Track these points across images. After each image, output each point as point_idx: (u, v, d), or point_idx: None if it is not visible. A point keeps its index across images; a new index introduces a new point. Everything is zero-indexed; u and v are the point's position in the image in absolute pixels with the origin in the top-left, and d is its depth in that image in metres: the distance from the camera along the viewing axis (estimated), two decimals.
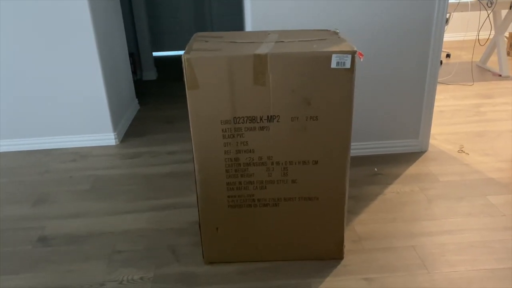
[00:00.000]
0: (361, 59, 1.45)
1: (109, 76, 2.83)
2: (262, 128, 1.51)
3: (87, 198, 2.24)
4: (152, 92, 3.95)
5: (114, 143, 2.87)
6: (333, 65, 1.42)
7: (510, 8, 3.83)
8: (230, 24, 5.23)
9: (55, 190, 2.33)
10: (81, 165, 2.59)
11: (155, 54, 5.25)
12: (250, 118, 1.49)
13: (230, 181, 1.57)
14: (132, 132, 3.07)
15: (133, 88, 3.49)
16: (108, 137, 2.85)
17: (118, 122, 2.96)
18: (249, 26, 2.31)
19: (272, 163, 1.55)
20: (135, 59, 4.26)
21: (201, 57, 1.42)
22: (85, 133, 2.83)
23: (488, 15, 3.81)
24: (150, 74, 4.36)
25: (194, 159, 1.54)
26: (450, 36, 5.29)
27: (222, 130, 1.50)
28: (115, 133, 2.86)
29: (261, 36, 1.63)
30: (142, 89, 3.98)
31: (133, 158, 2.67)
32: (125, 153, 2.75)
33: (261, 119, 1.50)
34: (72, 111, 2.77)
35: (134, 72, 4.23)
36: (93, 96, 2.74)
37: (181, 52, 1.45)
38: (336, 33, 1.64)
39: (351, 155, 1.57)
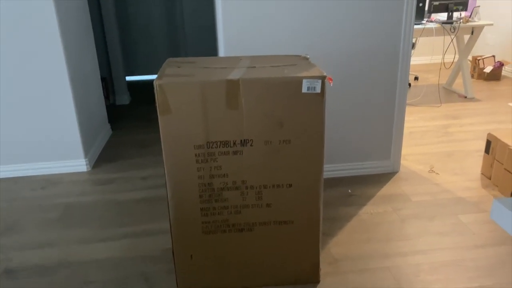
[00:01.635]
0: (331, 84, 1.48)
1: (80, 101, 2.79)
2: (235, 152, 1.51)
3: (57, 226, 2.17)
4: (125, 116, 3.92)
5: (85, 169, 2.81)
6: (304, 89, 1.45)
7: (472, 34, 4.01)
8: (203, 49, 5.27)
9: (24, 218, 2.25)
10: (51, 193, 2.52)
11: (128, 78, 5.23)
12: (223, 143, 1.49)
13: (204, 207, 1.55)
14: (104, 157, 3.02)
15: (106, 113, 3.45)
16: (79, 163, 2.79)
17: (90, 148, 2.91)
18: (222, 51, 2.33)
19: (247, 187, 1.55)
20: (108, 83, 4.22)
21: (173, 82, 1.42)
22: (55, 159, 2.76)
23: (452, 40, 3.98)
24: (123, 99, 4.33)
25: (167, 185, 1.52)
26: (417, 59, 5.49)
27: (195, 155, 1.49)
28: (87, 159, 2.81)
29: (233, 61, 1.65)
30: (115, 113, 3.94)
31: (105, 184, 2.62)
32: (96, 179, 2.70)
33: (234, 143, 1.50)
34: (42, 137, 2.70)
35: (107, 97, 4.18)
36: (64, 122, 2.69)
37: (154, 76, 1.45)
38: (307, 59, 1.68)
39: (325, 177, 1.59)
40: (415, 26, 3.77)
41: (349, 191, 2.45)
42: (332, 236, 2.03)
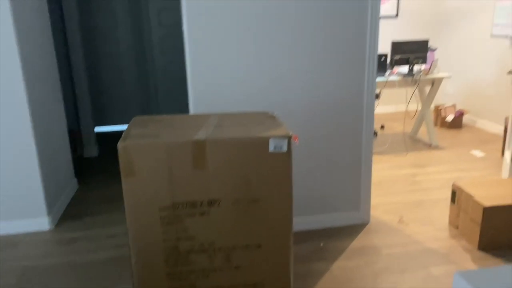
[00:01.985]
0: (297, 143, 1.50)
1: (45, 156, 2.71)
2: (202, 213, 1.48)
3: None
4: (93, 169, 3.82)
5: (48, 228, 2.68)
6: (271, 149, 1.45)
7: (432, 85, 4.21)
8: (174, 100, 5.31)
9: None
10: (9, 255, 2.38)
11: (97, 129, 5.16)
12: (190, 203, 1.46)
13: (170, 271, 1.49)
14: (69, 214, 2.90)
15: (72, 167, 3.35)
16: (41, 222, 2.67)
17: (54, 205, 2.80)
18: (191, 105, 2.34)
19: (214, 250, 1.50)
20: (76, 135, 4.15)
21: (138, 144, 1.40)
22: (15, 218, 2.63)
23: (414, 91, 4.16)
24: (92, 151, 4.24)
25: (131, 250, 1.46)
26: (382, 108, 5.69)
27: (161, 218, 1.45)
28: (49, 217, 2.69)
29: (201, 119, 1.66)
30: (82, 166, 3.85)
31: (69, 244, 2.50)
32: (59, 238, 2.57)
33: (201, 204, 1.47)
34: (2, 194, 2.59)
35: (74, 149, 4.10)
36: (26, 177, 2.59)
37: (124, 127, 1.43)
38: (273, 117, 1.70)
39: (296, 230, 1.57)
40: (379, 79, 3.93)
41: (321, 244, 2.42)
42: None
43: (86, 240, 2.54)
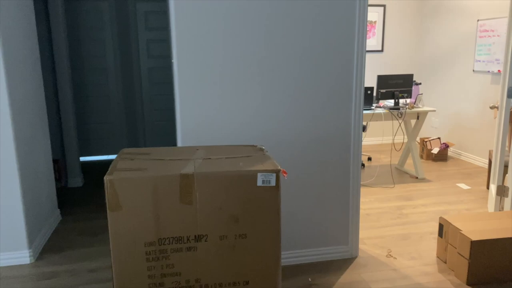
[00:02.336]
0: (285, 177, 1.50)
1: (28, 186, 2.65)
2: (189, 249, 1.45)
3: None
4: (76, 200, 3.74)
5: (28, 262, 2.59)
6: (259, 183, 1.45)
7: (417, 118, 4.29)
8: (161, 131, 5.29)
9: None
10: None
11: (82, 159, 5.10)
12: (176, 239, 1.43)
13: None
14: (51, 247, 2.82)
15: (55, 197, 3.28)
16: (22, 255, 2.58)
17: (35, 237, 2.72)
18: (179, 138, 2.33)
19: (201, 286, 1.47)
20: (60, 165, 4.09)
21: (124, 178, 1.38)
22: None
23: (400, 124, 4.22)
24: (76, 181, 4.17)
25: (114, 285, 1.41)
26: (369, 140, 5.75)
27: (146, 253, 1.41)
28: (30, 250, 2.61)
29: (189, 152, 1.65)
30: (66, 197, 3.77)
31: (50, 279, 2.41)
32: (40, 273, 2.49)
33: (188, 239, 1.44)
34: None
35: (58, 179, 4.03)
36: (7, 209, 2.53)
37: (110, 157, 1.41)
38: (262, 150, 1.70)
39: (284, 264, 1.54)
40: (365, 111, 3.99)
41: (309, 279, 2.38)
42: None
43: (67, 274, 2.46)
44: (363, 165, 4.77)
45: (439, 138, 5.07)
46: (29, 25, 2.86)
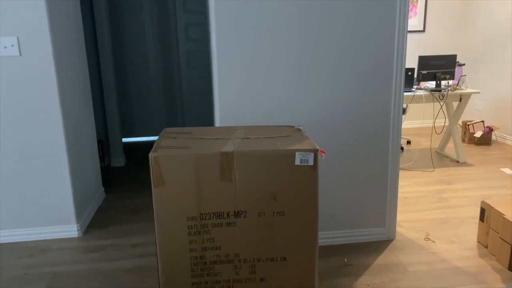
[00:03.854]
0: (323, 157, 1.51)
1: (75, 165, 2.79)
2: (229, 224, 1.49)
3: None
4: (119, 179, 3.90)
5: (76, 235, 2.75)
6: (297, 162, 1.47)
7: (460, 101, 4.14)
8: (201, 111, 5.38)
9: None
10: (39, 261, 2.45)
11: (124, 140, 5.28)
12: (217, 214, 1.49)
13: (195, 281, 1.51)
14: (96, 222, 2.97)
15: (100, 176, 3.44)
16: (70, 229, 2.74)
17: (82, 213, 2.87)
18: (217, 118, 2.38)
19: (240, 261, 1.52)
20: (104, 145, 4.25)
21: (168, 155, 1.44)
22: (45, 225, 2.71)
23: (441, 106, 4.10)
24: (119, 161, 4.34)
25: (158, 258, 1.48)
26: (409, 123, 5.62)
27: (188, 227, 1.47)
28: (78, 225, 2.76)
29: (228, 132, 1.69)
30: (109, 176, 3.93)
31: (95, 252, 2.55)
32: (87, 246, 2.63)
33: (228, 215, 1.49)
34: (33, 202, 2.67)
35: (102, 159, 4.20)
36: (57, 186, 2.68)
37: (151, 138, 1.47)
38: (299, 130, 1.71)
39: (319, 244, 1.57)
40: (406, 93, 3.90)
41: (345, 260, 2.39)
42: None
43: (112, 248, 2.59)
44: (402, 148, 4.69)
45: (482, 121, 4.89)
46: (74, 9, 2.97)
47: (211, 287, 1.52)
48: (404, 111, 4.39)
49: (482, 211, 2.54)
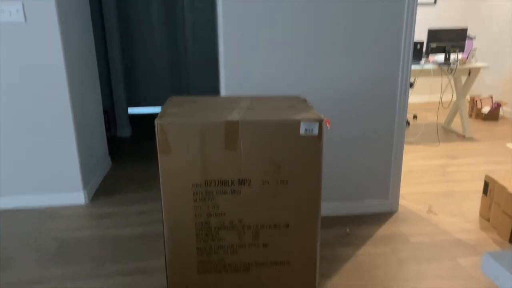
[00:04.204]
0: (328, 127, 1.51)
1: (82, 134, 2.82)
2: (233, 192, 1.52)
3: (52, 262, 2.15)
4: (125, 149, 3.94)
5: (83, 202, 2.80)
6: (302, 132, 1.47)
7: (469, 75, 4.09)
8: (207, 82, 5.37)
9: (18, 254, 2.23)
10: (47, 227, 2.51)
11: (130, 110, 5.29)
12: (221, 182, 1.51)
13: (200, 246, 1.55)
14: (103, 190, 3.02)
15: (106, 146, 3.47)
16: (77, 196, 2.79)
17: (89, 181, 2.92)
18: (223, 88, 2.38)
19: (243, 227, 1.55)
20: (110, 115, 4.27)
21: (174, 122, 1.45)
22: (53, 191, 2.76)
23: (449, 80, 4.06)
24: (125, 131, 4.37)
25: (164, 223, 1.52)
26: (416, 98, 5.57)
27: (193, 194, 1.50)
28: (85, 192, 2.81)
29: (233, 102, 1.69)
30: (115, 146, 3.97)
31: (102, 219, 2.60)
32: (94, 213, 2.69)
33: (232, 183, 1.51)
34: (41, 169, 2.72)
35: (108, 129, 4.23)
36: (64, 154, 2.71)
37: (157, 109, 1.48)
38: (305, 101, 1.71)
39: (322, 215, 1.60)
40: (414, 67, 3.85)
41: (347, 230, 2.43)
42: (330, 277, 2.01)
43: (119, 215, 2.65)
44: (408, 123, 4.67)
45: (491, 96, 4.84)
46: None
47: (215, 251, 1.55)
48: (411, 85, 4.35)
49: (486, 185, 2.55)
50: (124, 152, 3.83)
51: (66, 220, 2.59)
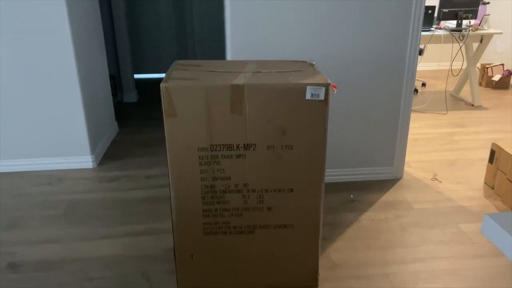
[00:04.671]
0: (335, 91, 1.50)
1: (88, 98, 2.82)
2: (238, 156, 1.53)
3: (61, 222, 2.21)
4: (132, 114, 3.95)
5: (91, 166, 2.84)
6: (308, 96, 1.46)
7: (481, 42, 4.00)
8: (212, 48, 5.30)
9: (28, 214, 2.29)
10: (56, 189, 2.56)
11: (136, 76, 5.26)
12: (226, 146, 1.51)
13: (206, 208, 1.57)
14: (110, 155, 3.05)
15: (113, 110, 3.48)
16: (85, 160, 2.83)
17: (96, 145, 2.94)
18: (229, 53, 2.35)
19: (248, 191, 1.57)
20: (116, 81, 4.26)
21: (179, 86, 1.44)
22: (62, 155, 2.80)
23: (460, 47, 3.97)
24: (131, 96, 4.36)
25: (170, 186, 1.54)
26: (425, 65, 5.48)
27: (199, 158, 1.51)
28: (93, 156, 2.84)
29: (239, 65, 1.67)
30: (122, 111, 3.98)
31: (110, 182, 2.65)
32: (102, 176, 2.73)
33: (237, 147, 1.52)
34: (50, 133, 2.74)
35: (114, 94, 4.22)
36: (71, 118, 2.73)
37: (162, 75, 1.47)
38: (312, 65, 1.69)
39: (327, 181, 1.61)
40: (424, 33, 3.77)
41: (351, 196, 2.46)
42: (332, 241, 2.04)
43: (126, 179, 2.69)
44: (416, 90, 4.61)
45: (502, 64, 4.75)
46: None
47: (220, 214, 1.58)
48: (421, 51, 4.26)
49: (492, 153, 2.54)
50: (130, 117, 3.85)
51: (75, 183, 2.64)
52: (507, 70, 4.68)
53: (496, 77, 4.66)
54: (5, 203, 2.40)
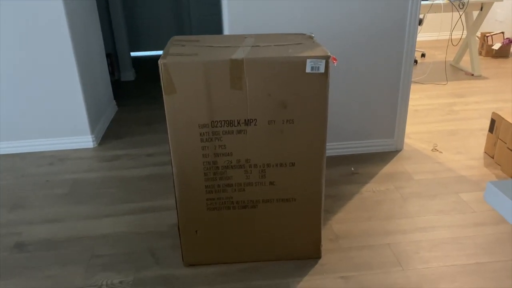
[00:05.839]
0: (335, 64, 1.49)
1: (86, 78, 2.80)
2: (239, 132, 1.53)
3: (64, 202, 2.22)
4: (130, 93, 3.93)
5: (92, 146, 2.84)
6: (308, 69, 1.45)
7: (481, 10, 3.94)
8: (209, 24, 5.22)
9: (32, 194, 2.30)
10: (59, 169, 2.57)
11: (133, 54, 5.21)
12: (227, 122, 1.51)
13: (208, 184, 1.59)
14: (110, 134, 3.05)
15: (111, 89, 3.46)
16: (85, 140, 2.83)
17: (96, 124, 2.94)
18: (226, 27, 2.32)
19: (250, 166, 1.57)
20: (113, 59, 4.22)
21: (177, 62, 1.43)
22: (62, 136, 2.80)
23: (460, 16, 3.91)
24: (128, 75, 4.33)
25: (172, 163, 1.55)
26: (424, 36, 5.41)
27: (200, 134, 1.51)
28: (93, 136, 2.84)
29: (237, 40, 1.65)
30: (120, 90, 3.95)
31: (112, 161, 2.66)
32: (103, 155, 2.74)
33: (238, 123, 1.52)
34: (49, 113, 2.73)
35: (111, 73, 4.18)
36: (70, 98, 2.71)
37: (159, 52, 1.45)
38: (311, 38, 1.67)
39: (328, 154, 1.61)
40: (423, 2, 3.70)
41: (352, 169, 2.47)
42: (334, 213, 2.07)
43: (128, 157, 2.69)
44: (416, 61, 4.57)
45: (502, 32, 4.69)
46: None
47: (223, 189, 1.60)
48: (420, 21, 4.20)
49: (492, 122, 2.54)
50: (129, 96, 3.83)
51: (76, 162, 2.65)
52: (507, 38, 4.64)
53: (496, 46, 4.62)
54: (9, 184, 2.41)
